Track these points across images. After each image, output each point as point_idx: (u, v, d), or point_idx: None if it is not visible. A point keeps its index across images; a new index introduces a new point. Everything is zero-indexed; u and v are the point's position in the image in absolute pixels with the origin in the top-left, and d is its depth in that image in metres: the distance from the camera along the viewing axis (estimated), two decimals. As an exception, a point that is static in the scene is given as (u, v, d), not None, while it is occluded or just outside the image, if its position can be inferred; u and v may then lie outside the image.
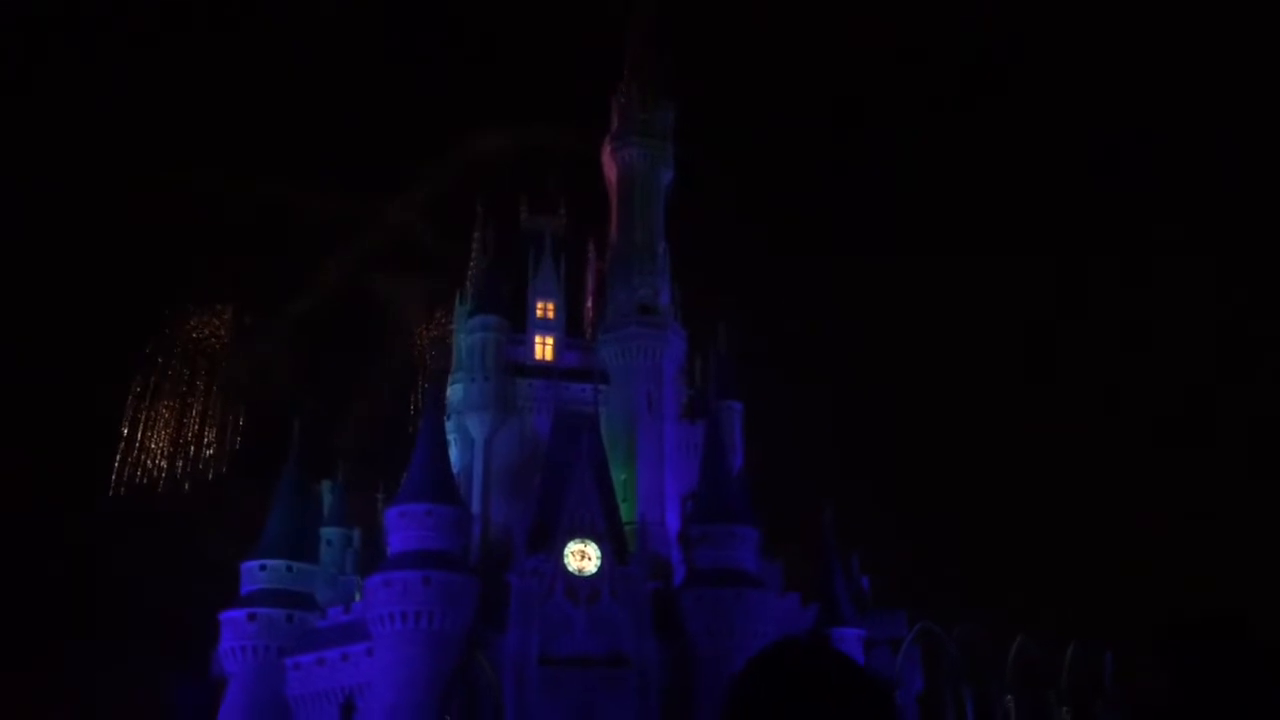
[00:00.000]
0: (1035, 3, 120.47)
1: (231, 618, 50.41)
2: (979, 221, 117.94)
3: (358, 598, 50.20)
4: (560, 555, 47.04)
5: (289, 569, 51.78)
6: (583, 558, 47.31)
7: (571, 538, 47.48)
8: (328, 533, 54.19)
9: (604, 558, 47.29)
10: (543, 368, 57.23)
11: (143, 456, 75.18)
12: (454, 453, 54.33)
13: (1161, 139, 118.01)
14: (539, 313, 58.45)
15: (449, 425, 55.10)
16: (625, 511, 52.60)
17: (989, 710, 49.53)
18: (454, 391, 56.28)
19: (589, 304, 61.85)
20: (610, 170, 63.27)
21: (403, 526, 48.04)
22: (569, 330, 59.04)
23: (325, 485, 55.59)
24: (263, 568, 51.50)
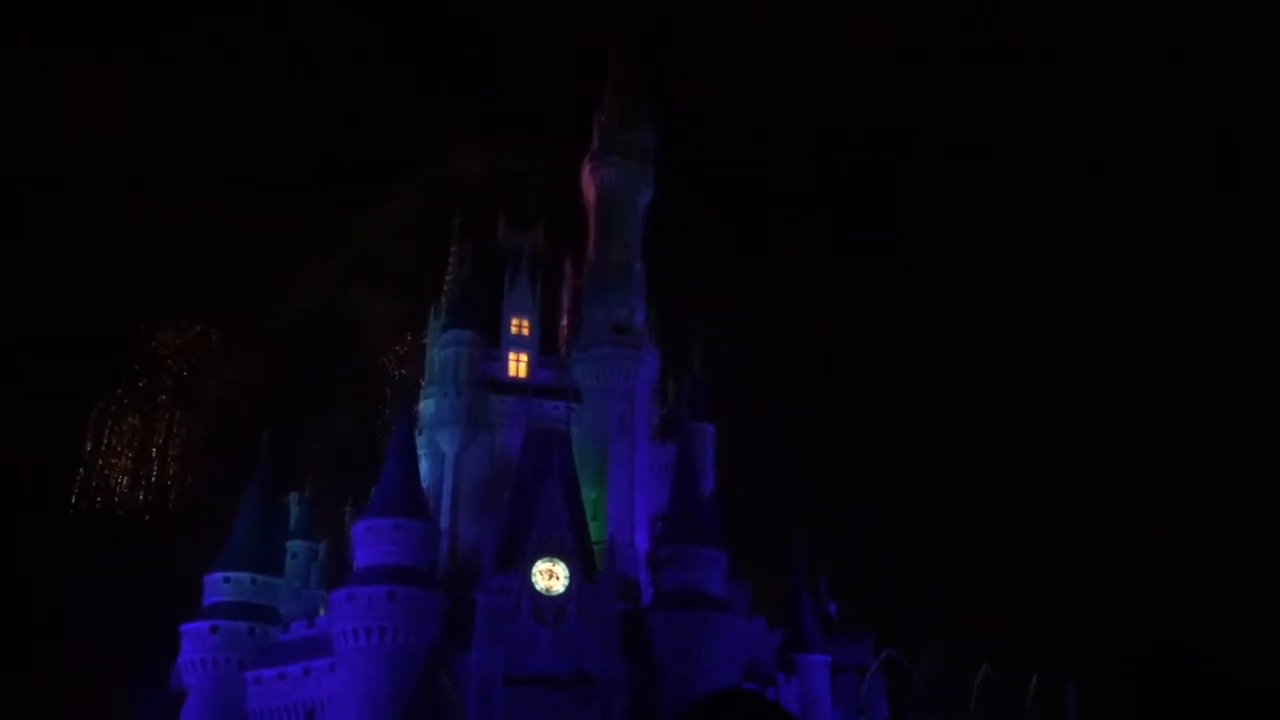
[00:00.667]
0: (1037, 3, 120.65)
1: (193, 629, 49.76)
2: (965, 244, 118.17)
3: (322, 612, 49.70)
4: (528, 573, 46.71)
5: (253, 581, 51.21)
6: (551, 576, 47.02)
7: (540, 556, 47.18)
8: (294, 545, 53.62)
9: (572, 577, 47.00)
10: (516, 384, 57.01)
11: (106, 468, 74.39)
12: (424, 467, 53.99)
13: (1163, 138, 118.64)
14: (514, 329, 58.28)
15: (420, 440, 54.80)
16: (595, 531, 52.39)
17: (953, 739, 49.58)
18: (425, 406, 56.00)
19: (564, 322, 61.77)
20: (589, 189, 63.35)
21: (370, 541, 47.64)
22: (543, 347, 58.88)
23: (293, 497, 55.04)
24: (226, 580, 50.91)
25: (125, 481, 74.94)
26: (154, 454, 76.20)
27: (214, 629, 49.48)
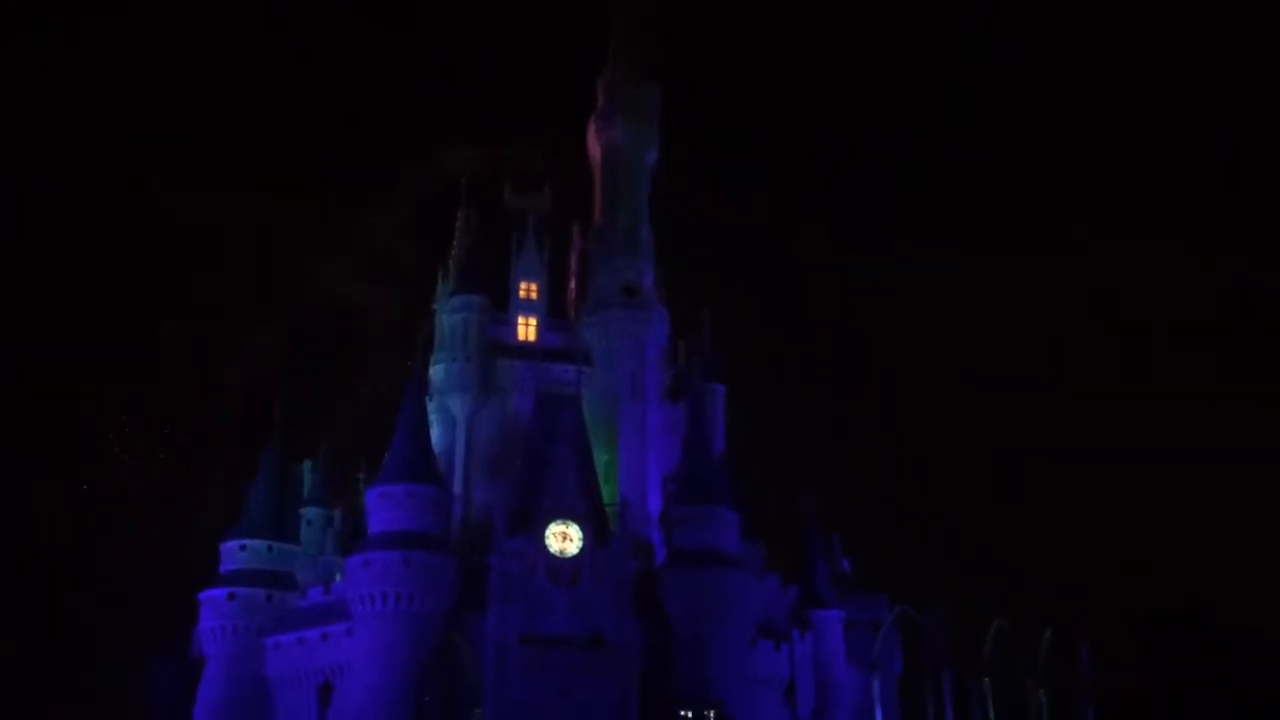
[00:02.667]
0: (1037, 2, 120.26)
1: (211, 597, 50.25)
2: (971, 206, 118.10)
3: (338, 578, 50.09)
4: (541, 536, 46.96)
5: (269, 549, 51.59)
6: (564, 539, 47.26)
7: (553, 519, 47.40)
8: (308, 513, 54.00)
9: (585, 539, 47.24)
10: (525, 348, 57.07)
11: (119, 440, 75.07)
12: (436, 433, 54.16)
13: (1164, 136, 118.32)
14: (522, 293, 58.25)
15: (430, 405, 54.89)
16: (607, 493, 52.60)
17: (967, 694, 49.88)
18: (436, 372, 56.07)
19: (572, 285, 61.64)
20: (595, 150, 63.00)
21: (383, 507, 47.89)
22: (552, 311, 58.85)
23: (306, 465, 55.32)
24: (243, 548, 51.31)
25: (134, 458, 75.84)
26: (168, 422, 77.09)
27: (232, 596, 49.94)
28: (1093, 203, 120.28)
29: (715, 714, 43.91)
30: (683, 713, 43.94)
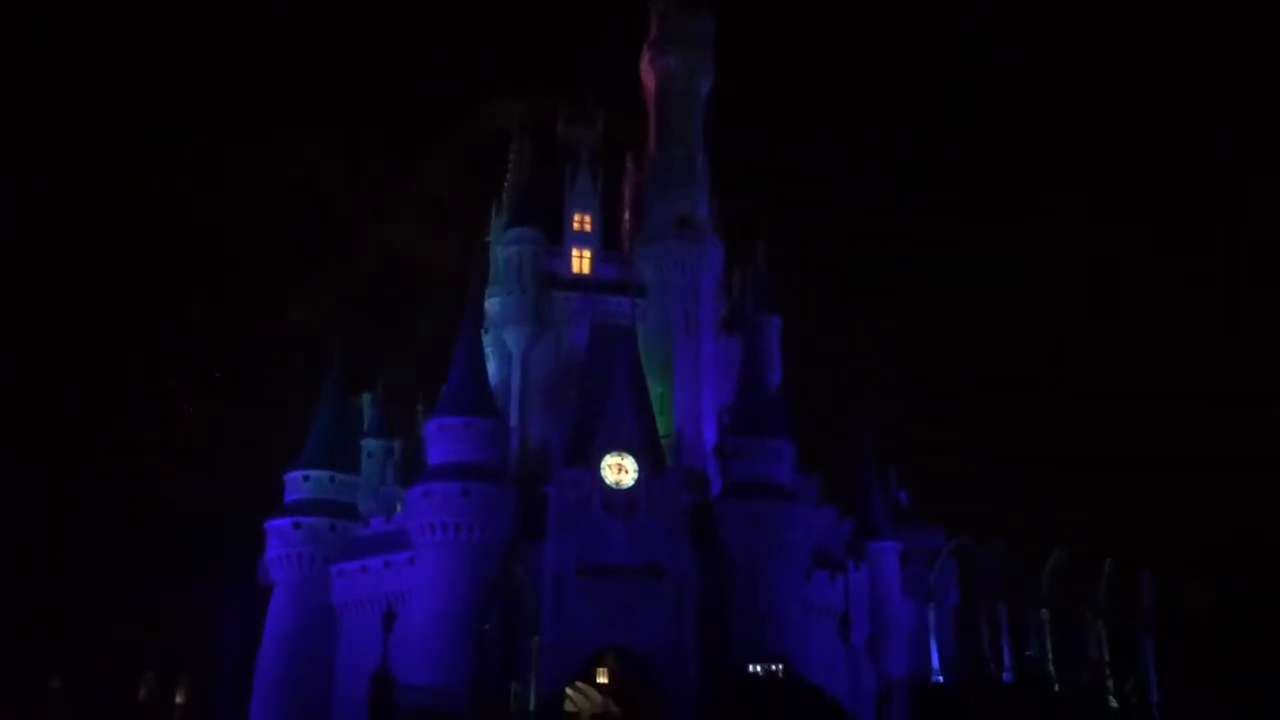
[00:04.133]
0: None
1: (277, 526, 51.49)
2: (1026, 140, 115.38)
3: (399, 508, 51.00)
4: (597, 468, 47.39)
5: (332, 479, 52.63)
6: (620, 470, 47.65)
7: (608, 450, 47.76)
8: (369, 444, 54.90)
9: (641, 470, 47.58)
10: (580, 281, 56.97)
11: (184, 394, 77.12)
12: (492, 366, 54.52)
13: (1163, 137, 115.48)
14: (576, 225, 58.02)
15: (486, 339, 55.25)
16: (662, 425, 52.82)
17: (1024, 625, 49.67)
18: (491, 305, 56.29)
19: (626, 216, 61.20)
20: (649, 79, 62.13)
21: (442, 439, 48.54)
22: (606, 243, 58.60)
23: (365, 398, 56.14)
24: (306, 478, 52.38)
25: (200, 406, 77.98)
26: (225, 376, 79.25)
27: (297, 525, 51.12)
28: (1091, 201, 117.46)
29: (784, 668, 44.12)
30: (752, 668, 44.19)
